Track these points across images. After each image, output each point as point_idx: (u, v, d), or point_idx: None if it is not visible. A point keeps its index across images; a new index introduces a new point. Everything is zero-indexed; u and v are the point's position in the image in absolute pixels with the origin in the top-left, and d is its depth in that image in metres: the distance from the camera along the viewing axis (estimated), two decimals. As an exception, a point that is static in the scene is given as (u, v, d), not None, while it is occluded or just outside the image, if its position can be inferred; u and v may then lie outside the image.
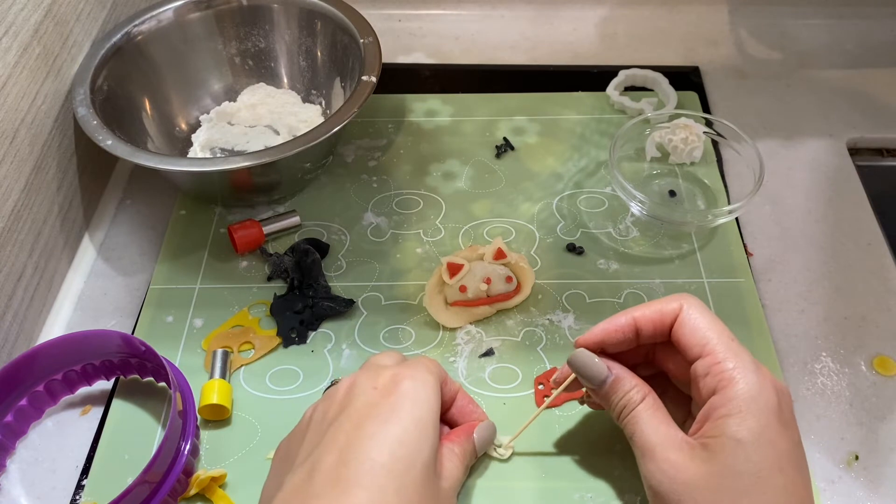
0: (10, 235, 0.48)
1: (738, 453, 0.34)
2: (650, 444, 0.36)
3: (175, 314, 0.52)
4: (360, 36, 0.58)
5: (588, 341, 0.40)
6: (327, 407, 0.38)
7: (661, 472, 0.35)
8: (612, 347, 0.40)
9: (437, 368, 0.40)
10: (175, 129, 0.63)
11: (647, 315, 0.39)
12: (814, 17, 0.73)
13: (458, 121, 0.65)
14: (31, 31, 0.50)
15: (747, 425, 0.34)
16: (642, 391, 0.38)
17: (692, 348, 0.37)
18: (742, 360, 0.36)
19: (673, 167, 0.60)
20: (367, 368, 0.40)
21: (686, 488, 0.34)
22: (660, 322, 0.39)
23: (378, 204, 0.59)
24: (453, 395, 0.42)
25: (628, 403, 0.38)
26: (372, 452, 0.34)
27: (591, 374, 0.39)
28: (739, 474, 0.33)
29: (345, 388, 0.38)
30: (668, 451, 0.36)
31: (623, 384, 0.39)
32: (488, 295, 0.50)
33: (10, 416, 0.45)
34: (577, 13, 0.75)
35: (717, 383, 0.36)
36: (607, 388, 0.39)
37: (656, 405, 0.38)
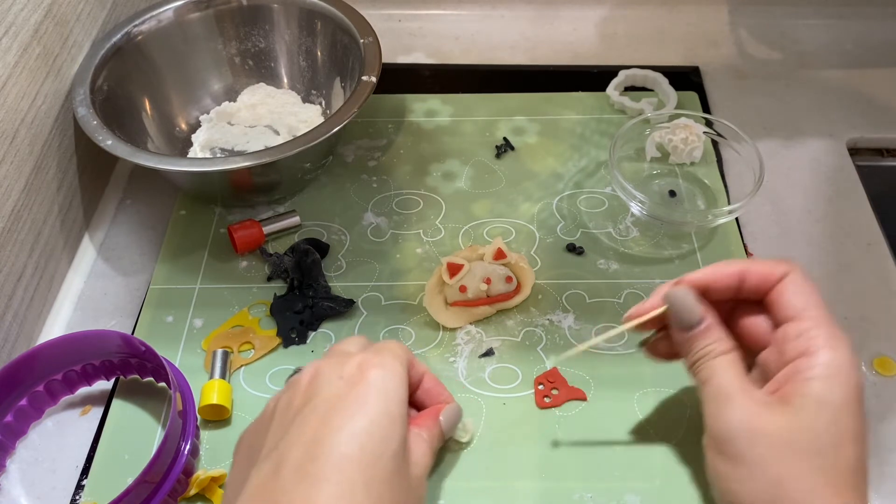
0: (10, 235, 0.48)
1: (822, 414, 0.34)
2: (730, 390, 0.36)
3: (175, 314, 0.52)
4: (360, 36, 0.58)
5: (694, 281, 0.40)
6: (291, 397, 0.36)
7: (738, 416, 0.35)
8: (713, 294, 0.40)
9: (404, 352, 0.39)
10: (175, 129, 0.63)
11: (757, 269, 0.39)
12: (814, 17, 0.73)
13: (458, 121, 0.65)
14: (31, 31, 0.50)
15: (835, 391, 0.34)
16: (729, 343, 0.38)
17: (790, 309, 0.37)
18: (837, 334, 0.36)
19: (673, 167, 0.60)
20: (332, 356, 0.39)
21: (759, 435, 0.35)
22: (766, 279, 0.39)
23: (378, 204, 0.59)
24: (420, 378, 0.42)
25: (712, 352, 0.38)
26: (340, 446, 0.33)
27: (686, 314, 0.39)
28: (819, 434, 0.34)
29: (309, 378, 0.37)
30: (748, 398, 0.36)
31: (713, 332, 0.38)
32: (488, 295, 0.50)
33: (10, 416, 0.45)
34: (577, 13, 0.75)
35: (808, 346, 0.36)
36: (696, 333, 0.39)
37: (738, 359, 0.38)
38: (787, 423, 0.34)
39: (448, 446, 0.44)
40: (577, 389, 0.47)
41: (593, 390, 0.47)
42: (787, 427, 0.34)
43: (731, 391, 0.36)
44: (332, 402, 0.35)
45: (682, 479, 0.43)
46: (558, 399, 0.47)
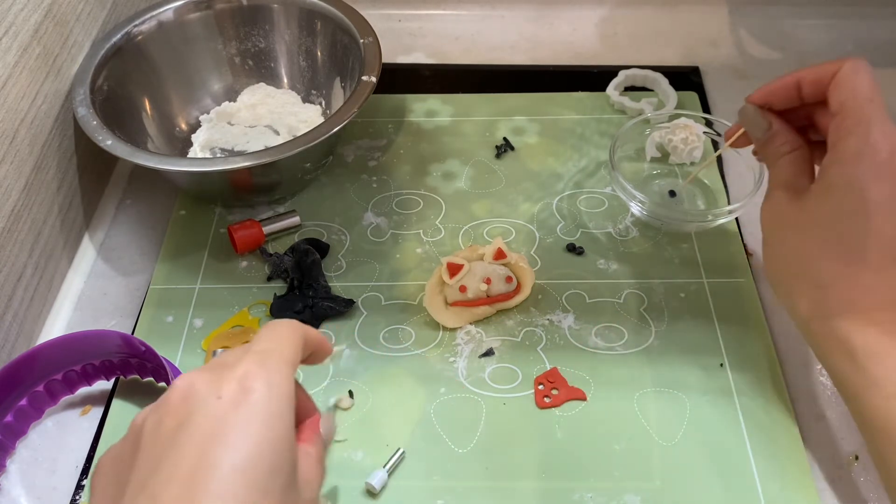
0: (10, 235, 0.48)
1: (827, 196, 0.39)
2: (773, 185, 0.43)
3: (175, 314, 0.52)
4: (360, 36, 0.58)
5: (756, 98, 0.44)
6: (161, 419, 0.30)
7: (770, 206, 0.42)
8: (778, 104, 0.43)
9: (293, 348, 0.34)
10: (175, 129, 0.63)
11: (810, 74, 0.41)
12: (814, 17, 0.73)
13: (458, 121, 0.65)
14: (31, 31, 0.50)
15: (841, 173, 0.38)
16: (793, 144, 0.43)
17: (835, 105, 0.39)
18: (866, 118, 0.38)
19: (673, 167, 0.60)
20: (211, 367, 0.32)
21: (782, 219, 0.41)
22: (820, 80, 0.40)
23: (378, 204, 0.59)
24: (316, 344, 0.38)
25: (778, 152, 0.43)
26: (221, 483, 0.28)
27: (755, 125, 0.44)
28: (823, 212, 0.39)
29: (181, 395, 0.31)
30: (782, 191, 0.41)
31: (779, 137, 0.43)
32: (488, 295, 0.50)
33: (10, 416, 0.45)
34: (577, 13, 0.75)
35: (837, 139, 0.39)
36: (765, 139, 0.43)
37: (801, 157, 0.42)
38: (801, 206, 0.40)
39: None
40: (577, 389, 0.47)
41: (593, 390, 0.47)
42: (800, 209, 0.40)
43: (772, 186, 0.43)
44: (210, 429, 0.29)
45: (682, 479, 0.43)
46: (558, 399, 0.47)
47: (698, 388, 0.47)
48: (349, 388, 0.47)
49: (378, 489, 0.43)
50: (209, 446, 0.29)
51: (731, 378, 0.47)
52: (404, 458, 0.44)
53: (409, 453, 0.44)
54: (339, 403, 0.47)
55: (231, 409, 0.30)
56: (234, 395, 0.30)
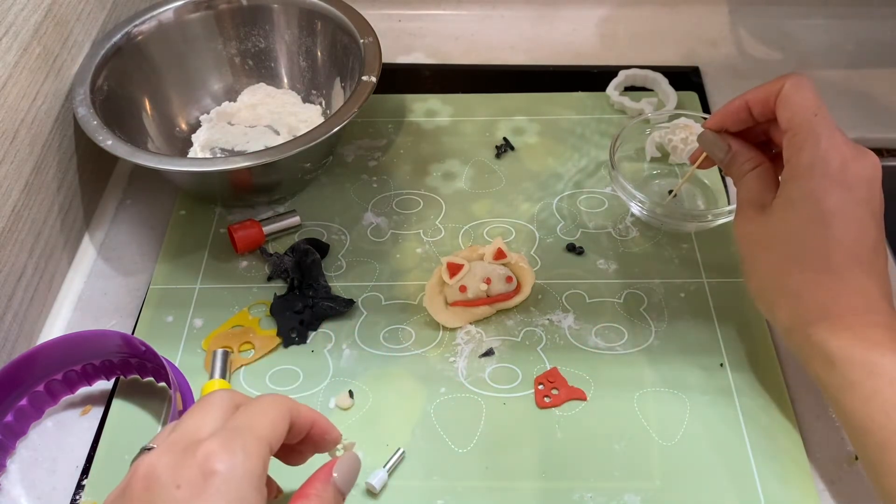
0: (10, 235, 0.48)
1: (788, 211, 0.40)
2: (739, 202, 0.44)
3: (175, 314, 0.52)
4: (360, 36, 0.58)
5: (711, 124, 0.46)
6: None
7: (738, 223, 0.44)
8: (732, 126, 0.45)
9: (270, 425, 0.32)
10: (175, 129, 0.63)
11: (757, 95, 0.43)
12: (814, 17, 0.73)
13: (458, 121, 0.65)
14: (31, 31, 0.50)
15: (798, 186, 0.40)
16: (755, 161, 0.44)
17: (783, 123, 0.41)
18: (815, 132, 0.40)
19: (673, 167, 0.60)
20: (176, 444, 0.30)
21: (750, 237, 0.43)
22: (765, 100, 0.43)
23: (378, 204, 0.59)
24: (307, 425, 0.35)
25: (741, 171, 0.45)
26: None
27: (715, 149, 0.46)
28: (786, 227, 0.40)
29: (143, 484, 0.29)
30: (749, 208, 0.43)
31: (739, 157, 0.45)
32: (488, 295, 0.50)
33: (10, 416, 0.45)
34: (577, 13, 0.75)
35: (790, 155, 0.41)
36: (727, 160, 0.46)
37: (764, 172, 0.44)
38: (766, 222, 0.42)
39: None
40: (577, 389, 0.47)
41: (593, 390, 0.47)
42: (765, 225, 0.42)
43: (739, 204, 0.44)
44: None
45: (682, 479, 0.43)
46: (558, 399, 0.47)
47: (698, 388, 0.47)
48: (349, 388, 0.47)
49: (378, 489, 0.43)
50: None
51: (731, 378, 0.47)
52: (404, 458, 0.44)
53: (409, 453, 0.44)
54: (339, 403, 0.47)
55: (191, 498, 0.28)
56: (194, 482, 0.29)
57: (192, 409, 0.33)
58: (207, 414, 0.32)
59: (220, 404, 0.32)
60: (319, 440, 0.36)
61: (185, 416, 0.32)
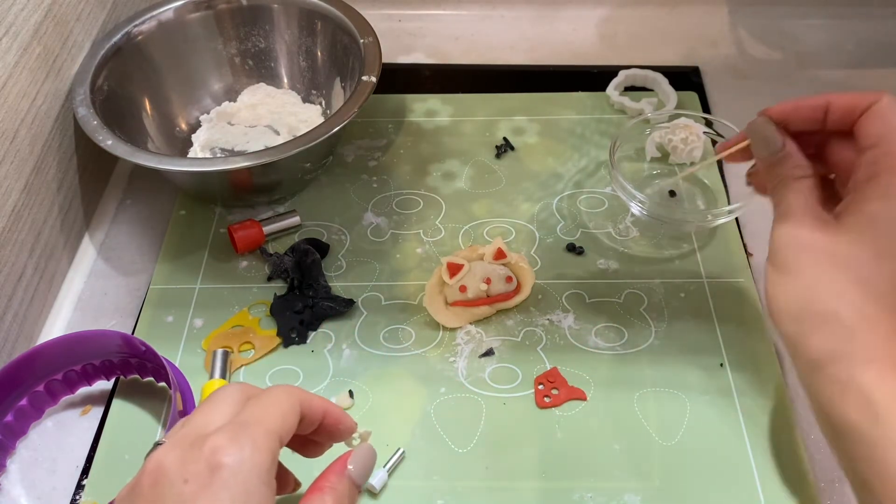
0: (10, 235, 0.48)
1: (868, 229, 0.35)
2: (792, 209, 0.37)
3: (175, 314, 0.52)
4: (360, 36, 0.58)
5: (775, 111, 0.40)
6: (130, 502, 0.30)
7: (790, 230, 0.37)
8: (796, 124, 0.40)
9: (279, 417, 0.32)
10: (175, 129, 0.63)
11: (843, 99, 0.38)
12: (814, 17, 0.73)
13: (458, 121, 0.65)
14: (31, 31, 0.50)
15: (888, 209, 0.34)
16: (807, 170, 0.39)
17: (871, 138, 0.36)
18: None
19: (673, 167, 0.60)
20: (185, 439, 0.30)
21: (804, 246, 0.36)
22: (852, 108, 0.38)
23: (378, 204, 0.59)
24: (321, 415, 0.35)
25: (790, 175, 0.39)
26: None
27: (766, 142, 0.40)
28: (861, 245, 0.35)
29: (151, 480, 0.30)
30: (806, 215, 0.37)
31: (792, 158, 0.39)
32: (488, 295, 0.50)
33: (10, 416, 0.45)
34: (577, 13, 0.75)
35: (876, 170, 0.35)
36: (776, 159, 0.39)
37: (814, 185, 0.38)
38: (833, 236, 0.35)
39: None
40: (577, 389, 0.47)
41: (593, 390, 0.47)
42: (832, 240, 0.35)
43: (793, 210, 0.37)
44: None
45: (682, 479, 0.43)
46: (558, 399, 0.47)
47: (698, 388, 0.47)
48: (349, 388, 0.47)
49: (378, 489, 0.43)
50: None
51: (731, 378, 0.47)
52: (404, 458, 0.44)
53: (409, 453, 0.44)
54: (339, 403, 0.47)
55: (199, 492, 0.28)
56: (201, 477, 0.28)
57: (203, 403, 0.32)
58: (217, 408, 0.32)
59: (230, 398, 0.32)
60: (334, 430, 0.35)
61: (196, 410, 0.32)
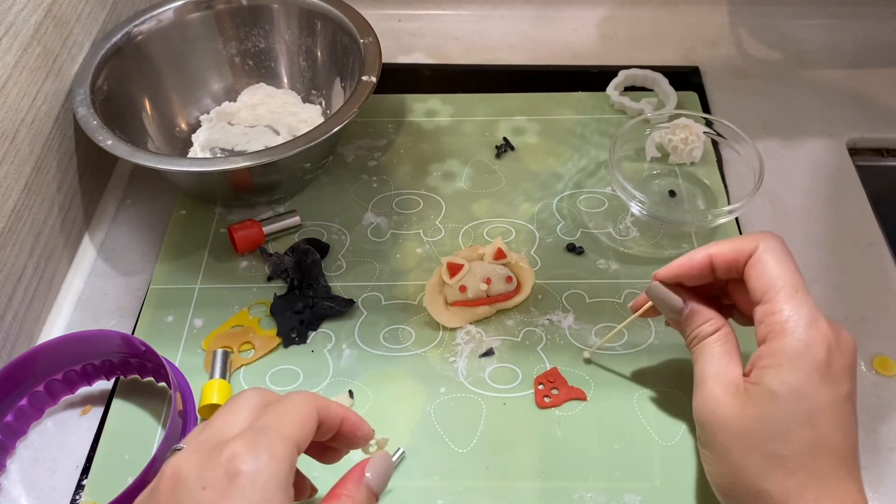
0: (10, 235, 0.48)
1: (770, 404, 0.35)
2: (704, 376, 0.39)
3: (175, 314, 0.52)
4: (360, 36, 0.58)
5: (666, 276, 0.41)
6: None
7: (705, 404, 0.38)
8: (689, 282, 0.41)
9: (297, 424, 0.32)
10: (175, 129, 0.63)
11: (724, 253, 0.39)
12: (814, 17, 0.73)
13: (458, 121, 0.65)
14: (31, 31, 0.50)
15: (783, 379, 0.35)
16: (715, 325, 0.40)
17: (756, 292, 0.38)
18: (798, 313, 0.36)
19: (673, 167, 0.60)
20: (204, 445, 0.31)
21: (721, 423, 0.37)
22: (735, 261, 0.39)
23: (378, 204, 0.59)
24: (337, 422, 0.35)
25: (699, 335, 0.40)
26: None
27: (666, 305, 0.42)
28: (768, 422, 0.35)
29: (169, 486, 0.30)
30: (717, 386, 0.38)
31: (696, 318, 0.41)
32: (488, 295, 0.50)
33: (10, 416, 0.45)
34: (577, 13, 0.75)
35: (768, 333, 0.37)
36: (682, 319, 0.41)
37: (725, 339, 0.40)
38: (742, 412, 0.36)
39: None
40: (577, 389, 0.47)
41: (593, 390, 0.47)
42: (741, 416, 0.36)
43: (707, 377, 0.39)
44: None
45: (682, 479, 0.43)
46: (558, 399, 0.47)
47: (698, 388, 0.47)
48: (349, 388, 0.47)
49: (378, 489, 0.43)
50: None
51: (731, 378, 0.47)
52: (404, 458, 0.44)
53: (409, 453, 0.44)
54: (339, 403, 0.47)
55: (216, 499, 0.28)
56: (219, 484, 0.29)
57: (222, 408, 0.33)
58: (236, 414, 0.32)
59: (249, 403, 0.32)
60: (351, 437, 0.35)
61: (215, 415, 0.32)
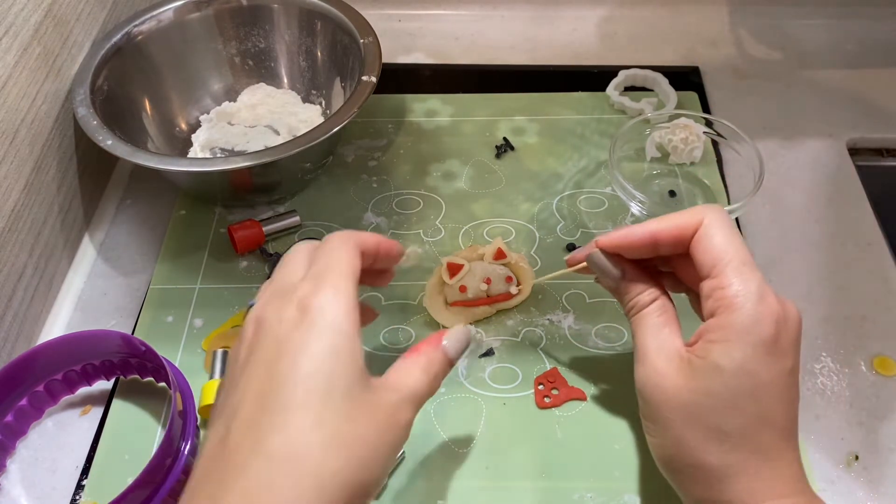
0: (10, 235, 0.48)
1: (716, 378, 0.35)
2: (645, 349, 0.38)
3: (175, 314, 0.52)
4: (360, 36, 0.58)
5: (606, 245, 0.41)
6: (238, 350, 0.35)
7: (648, 377, 0.38)
8: (630, 254, 0.41)
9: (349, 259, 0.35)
10: (175, 129, 0.63)
11: (667, 230, 0.39)
12: (814, 17, 0.73)
13: (458, 121, 0.65)
14: (31, 31, 0.50)
15: (730, 354, 0.35)
16: (652, 294, 0.40)
17: (703, 267, 0.37)
18: (746, 288, 0.35)
19: (673, 167, 0.60)
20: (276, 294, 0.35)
21: (665, 397, 0.37)
22: (679, 237, 0.39)
23: (378, 204, 0.59)
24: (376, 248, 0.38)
25: (636, 305, 0.40)
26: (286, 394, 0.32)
27: (605, 272, 0.41)
28: (712, 396, 0.35)
29: (253, 327, 0.35)
30: (659, 359, 0.38)
31: (633, 287, 0.41)
32: (488, 295, 0.50)
33: (10, 416, 0.45)
34: (577, 13, 0.75)
35: (716, 307, 0.36)
36: (619, 287, 0.41)
37: (663, 310, 0.40)
38: (687, 386, 0.36)
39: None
40: (577, 389, 0.47)
41: (593, 390, 0.47)
42: (687, 389, 0.36)
43: (648, 350, 0.38)
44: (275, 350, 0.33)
45: (682, 479, 0.43)
46: (558, 399, 0.47)
47: (698, 388, 0.47)
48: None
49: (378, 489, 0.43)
50: (274, 365, 0.32)
51: (731, 378, 0.47)
52: (404, 457, 0.44)
53: (409, 453, 0.44)
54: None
55: (291, 330, 0.33)
56: (294, 317, 0.33)
57: (279, 266, 0.37)
58: (292, 266, 0.36)
59: (299, 257, 0.37)
60: (389, 256, 0.39)
61: (275, 272, 0.37)
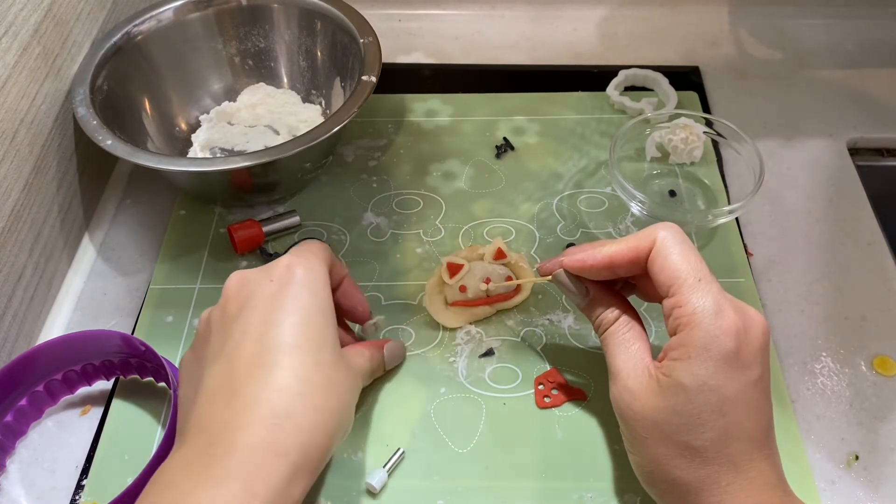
0: (10, 235, 0.48)
1: (681, 396, 0.36)
2: (616, 368, 0.40)
3: (175, 314, 0.52)
4: (360, 36, 0.58)
5: (570, 265, 0.42)
6: (225, 307, 0.39)
7: (621, 397, 0.39)
8: (592, 276, 0.42)
9: (325, 253, 0.41)
10: (175, 129, 0.63)
11: (621, 253, 0.40)
12: (814, 17, 0.73)
13: (458, 121, 0.65)
14: (31, 31, 0.50)
15: (692, 372, 0.36)
16: (616, 312, 0.41)
17: (661, 287, 0.38)
18: (703, 304, 0.36)
19: (673, 167, 0.60)
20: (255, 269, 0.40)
21: (636, 416, 0.38)
22: (634, 259, 0.40)
23: (378, 204, 0.59)
24: (341, 279, 0.44)
25: (602, 323, 0.42)
26: (285, 336, 0.36)
27: (570, 292, 0.43)
28: (679, 415, 0.36)
29: (237, 286, 0.39)
30: (630, 379, 0.38)
31: (597, 305, 0.42)
32: (488, 295, 0.50)
33: (10, 416, 0.45)
34: (577, 13, 0.75)
35: (676, 325, 0.37)
36: (584, 307, 0.43)
37: (628, 325, 0.41)
38: (656, 404, 0.37)
39: None
40: (577, 389, 0.47)
41: (593, 390, 0.47)
42: (656, 408, 0.37)
43: (618, 370, 0.39)
44: (269, 301, 0.37)
45: (682, 479, 0.43)
46: (558, 399, 0.47)
47: (698, 388, 0.47)
48: None
49: (378, 489, 0.43)
50: (271, 313, 0.37)
51: (731, 378, 0.47)
52: (404, 458, 0.44)
53: (409, 453, 0.44)
54: None
55: (283, 286, 0.38)
56: (283, 277, 0.38)
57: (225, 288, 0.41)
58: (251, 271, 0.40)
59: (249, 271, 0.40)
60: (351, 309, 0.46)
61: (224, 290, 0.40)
